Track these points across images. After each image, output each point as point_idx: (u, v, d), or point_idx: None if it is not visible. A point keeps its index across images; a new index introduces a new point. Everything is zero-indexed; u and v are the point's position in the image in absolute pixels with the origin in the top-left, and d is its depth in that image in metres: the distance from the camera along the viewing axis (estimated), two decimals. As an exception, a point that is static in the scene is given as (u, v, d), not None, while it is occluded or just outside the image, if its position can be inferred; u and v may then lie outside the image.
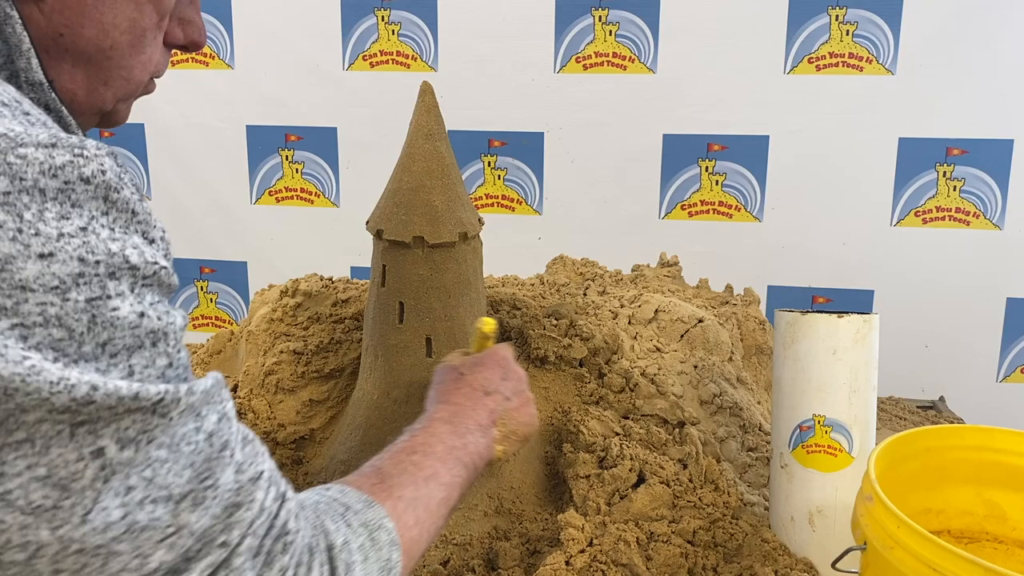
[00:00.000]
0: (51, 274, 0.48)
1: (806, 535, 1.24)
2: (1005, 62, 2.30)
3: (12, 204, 0.48)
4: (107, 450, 0.50)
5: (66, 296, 0.49)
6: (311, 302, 1.60)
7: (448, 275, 1.26)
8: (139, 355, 0.52)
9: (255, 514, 0.58)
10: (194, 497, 0.54)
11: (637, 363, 1.51)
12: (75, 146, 0.51)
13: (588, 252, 1.98)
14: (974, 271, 2.44)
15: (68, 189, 0.50)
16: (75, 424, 0.49)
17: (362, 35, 2.58)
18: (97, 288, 0.50)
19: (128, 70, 0.68)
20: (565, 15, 2.47)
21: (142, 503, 0.52)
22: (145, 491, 0.52)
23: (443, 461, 0.83)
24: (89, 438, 0.50)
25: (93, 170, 0.51)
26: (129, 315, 0.52)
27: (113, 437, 0.50)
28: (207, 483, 0.55)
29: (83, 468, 0.50)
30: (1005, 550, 1.17)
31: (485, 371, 0.98)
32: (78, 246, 0.50)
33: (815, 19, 2.36)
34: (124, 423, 0.51)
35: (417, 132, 1.25)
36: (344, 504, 0.69)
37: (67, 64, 0.64)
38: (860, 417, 1.21)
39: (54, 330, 0.48)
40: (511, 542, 1.24)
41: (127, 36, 0.66)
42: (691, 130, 2.50)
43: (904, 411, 1.97)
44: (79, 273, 0.50)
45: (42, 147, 0.50)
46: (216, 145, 2.71)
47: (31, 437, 0.48)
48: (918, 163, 2.41)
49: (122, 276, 0.52)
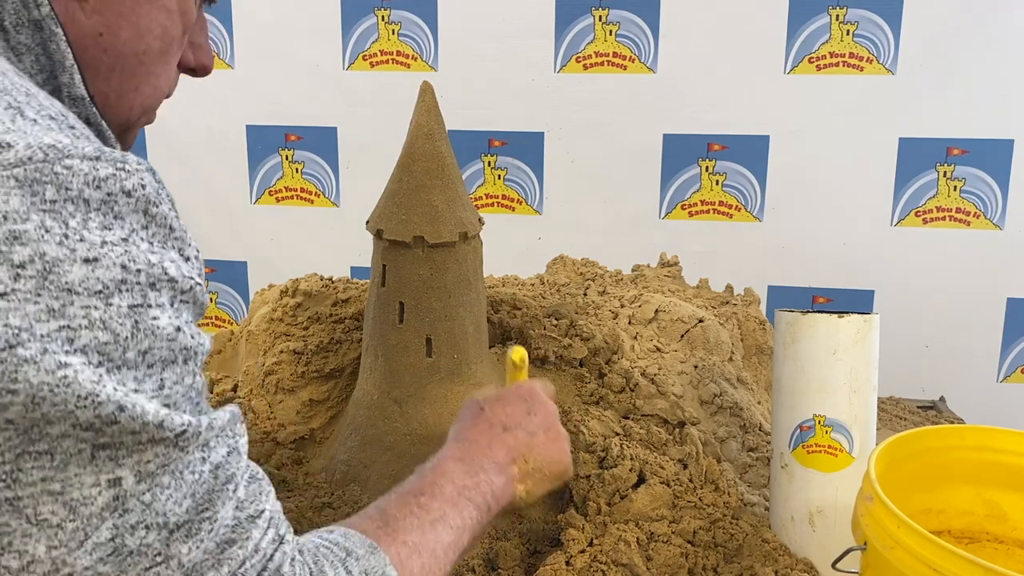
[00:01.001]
0: (95, 278, 0.49)
1: (806, 535, 1.24)
2: (1005, 62, 2.30)
3: (58, 212, 0.49)
4: (124, 481, 0.50)
5: (109, 301, 0.50)
6: (311, 302, 1.60)
7: (448, 275, 1.26)
8: (171, 370, 0.53)
9: (248, 553, 0.57)
10: (189, 528, 0.54)
11: (637, 363, 1.51)
12: (118, 160, 0.52)
13: (588, 252, 1.98)
14: (974, 271, 2.43)
15: (111, 201, 0.51)
16: (97, 446, 0.49)
17: (362, 35, 2.58)
18: (139, 296, 0.51)
19: (157, 77, 0.70)
20: (565, 15, 2.47)
21: (135, 528, 0.51)
22: (141, 515, 0.51)
23: (453, 503, 0.78)
24: (109, 464, 0.50)
25: (134, 184, 0.52)
26: (168, 327, 0.52)
27: (133, 469, 0.51)
28: (205, 515, 0.54)
29: (96, 495, 0.50)
30: (1005, 550, 1.17)
31: (507, 406, 0.92)
32: (120, 254, 0.51)
33: (815, 19, 2.36)
34: (146, 456, 0.51)
35: (417, 132, 1.25)
36: (346, 549, 0.66)
37: (103, 67, 0.65)
38: (860, 417, 1.21)
39: (99, 333, 0.49)
40: (511, 542, 1.24)
41: (159, 43, 0.67)
42: (691, 130, 2.50)
43: (904, 411, 1.97)
44: (122, 280, 0.50)
45: (87, 159, 0.51)
46: (216, 145, 2.71)
47: (52, 450, 0.48)
48: (918, 163, 2.41)
49: (162, 288, 0.53)
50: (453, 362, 1.30)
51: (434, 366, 1.29)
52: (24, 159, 0.49)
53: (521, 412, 0.92)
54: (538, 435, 0.91)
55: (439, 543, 0.74)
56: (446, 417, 1.30)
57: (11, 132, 0.50)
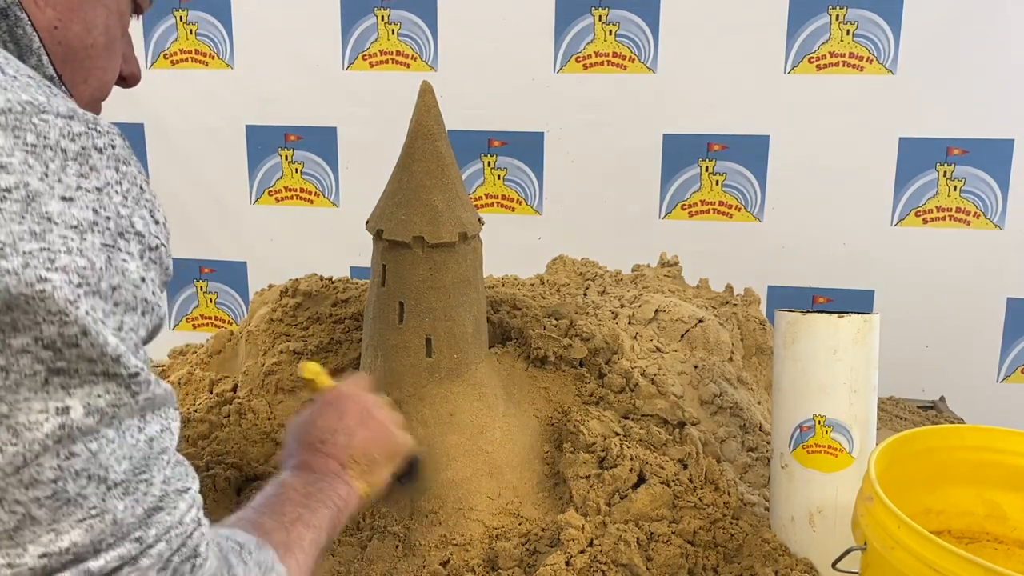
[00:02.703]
0: (71, 215, 0.52)
1: (806, 535, 1.24)
2: (1005, 62, 2.30)
3: (39, 154, 0.52)
4: (73, 411, 0.52)
5: (84, 236, 0.53)
6: (311, 302, 1.60)
7: (448, 275, 1.26)
8: (131, 316, 0.55)
9: (174, 522, 0.58)
10: (126, 487, 0.55)
11: (637, 363, 1.51)
12: (90, 120, 0.56)
13: (588, 252, 1.98)
14: (974, 271, 2.43)
15: (85, 154, 0.55)
16: (52, 370, 0.51)
17: (362, 35, 2.58)
18: (109, 238, 0.54)
19: (103, 71, 0.74)
20: (565, 15, 2.47)
21: (78, 474, 0.52)
22: (86, 463, 0.52)
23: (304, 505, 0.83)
24: (60, 392, 0.51)
25: (105, 143, 0.56)
26: (135, 273, 0.55)
27: (83, 400, 0.52)
28: (142, 477, 0.56)
29: (43, 420, 0.51)
30: (1005, 550, 1.17)
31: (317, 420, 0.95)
32: (92, 200, 0.54)
33: (815, 19, 2.36)
34: (97, 388, 0.52)
35: (417, 132, 1.25)
36: (238, 542, 0.69)
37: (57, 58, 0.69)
38: (860, 417, 1.21)
39: (78, 258, 0.52)
40: (511, 542, 1.24)
41: (103, 38, 0.73)
42: (691, 130, 2.50)
43: (904, 411, 1.97)
44: (94, 221, 0.54)
45: (61, 116, 0.54)
46: (216, 145, 2.71)
47: (8, 366, 0.49)
48: (918, 163, 2.41)
49: (130, 239, 0.56)
50: (453, 362, 1.30)
51: (434, 366, 1.29)
52: (4, 110, 0.52)
53: (333, 420, 0.95)
54: (356, 433, 0.94)
55: (302, 539, 0.78)
56: (446, 417, 1.30)
57: None
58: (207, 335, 1.89)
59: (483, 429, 1.31)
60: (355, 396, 0.98)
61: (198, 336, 2.73)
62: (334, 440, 0.93)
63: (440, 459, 1.29)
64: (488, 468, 1.30)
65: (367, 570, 1.22)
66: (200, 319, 2.93)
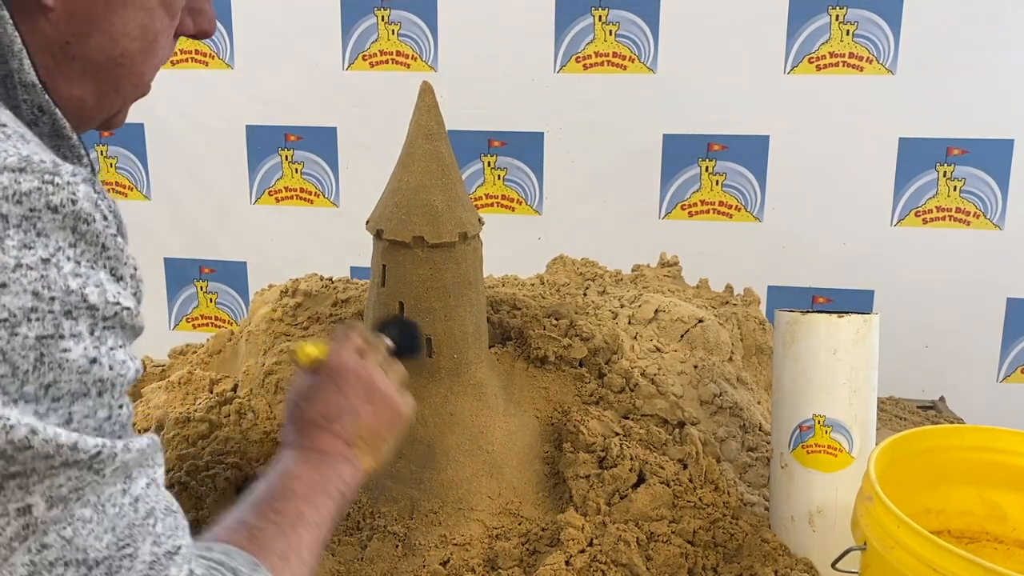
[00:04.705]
0: (1, 306, 0.46)
1: (806, 535, 1.24)
2: (1005, 62, 2.30)
3: None
4: (35, 508, 0.48)
5: (15, 331, 0.46)
6: (311, 302, 1.60)
7: (448, 275, 1.26)
8: (81, 403, 0.50)
9: None
10: (109, 566, 0.51)
11: (637, 363, 1.51)
12: (47, 171, 0.48)
13: (588, 252, 1.98)
14: (974, 271, 2.43)
15: (33, 217, 0.47)
16: (6, 475, 0.47)
17: (362, 35, 2.58)
18: (50, 326, 0.48)
19: (139, 76, 0.67)
20: (565, 15, 2.47)
21: (53, 564, 0.49)
22: (60, 552, 0.49)
23: (307, 500, 0.79)
24: (19, 493, 0.47)
25: (63, 199, 0.48)
26: (79, 359, 0.49)
27: (44, 495, 0.48)
28: (126, 551, 0.53)
29: (4, 525, 0.47)
30: (1005, 550, 1.17)
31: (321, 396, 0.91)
32: (35, 279, 0.47)
33: (815, 19, 2.36)
34: (58, 479, 0.48)
35: (417, 132, 1.25)
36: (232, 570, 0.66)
37: (76, 72, 0.63)
38: (860, 417, 1.21)
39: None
40: (511, 542, 1.24)
41: (138, 43, 0.65)
42: (691, 130, 2.50)
43: (904, 411, 1.97)
44: (32, 308, 0.47)
45: (8, 171, 0.47)
46: (216, 145, 2.71)
47: None
48: (918, 163, 2.41)
49: (80, 316, 0.49)
50: (453, 362, 1.30)
51: (434, 366, 1.29)
52: None
53: (336, 396, 0.90)
54: (361, 409, 0.90)
55: (302, 544, 0.75)
56: (446, 417, 1.30)
57: None
58: (207, 335, 1.89)
59: (483, 429, 1.31)
60: (356, 368, 0.93)
61: (198, 336, 2.73)
62: (340, 418, 0.89)
63: (440, 459, 1.29)
64: (488, 468, 1.30)
65: (367, 570, 1.22)
66: (200, 319, 2.93)
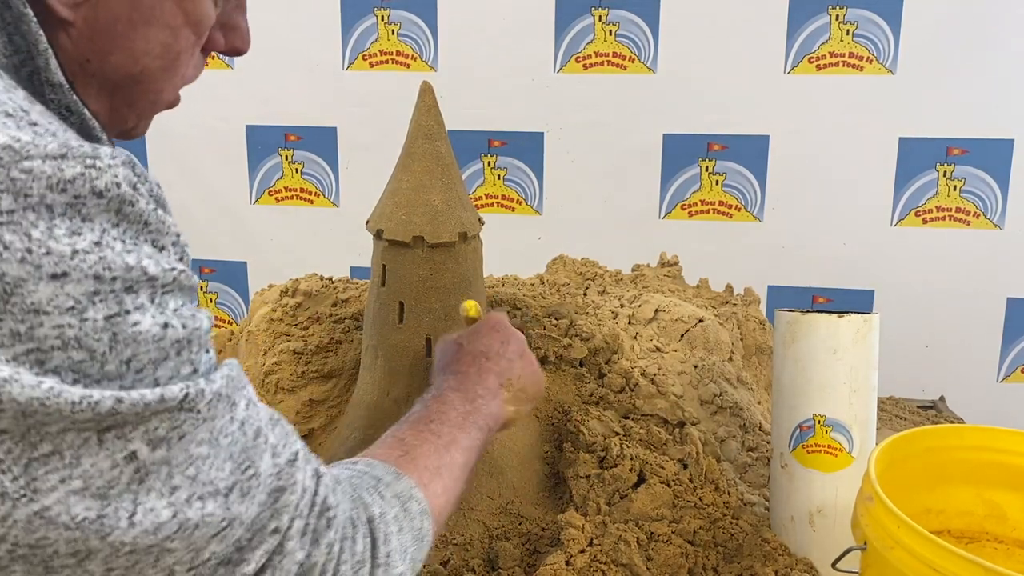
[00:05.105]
0: (65, 295, 0.46)
1: (806, 535, 1.24)
2: (1005, 62, 2.30)
3: (18, 223, 0.45)
4: (139, 453, 0.49)
5: (83, 316, 0.47)
6: (311, 302, 1.60)
7: (448, 275, 1.26)
8: (164, 367, 0.51)
9: (299, 496, 0.59)
10: (240, 488, 0.54)
11: (637, 363, 1.51)
12: (87, 156, 0.48)
13: (588, 252, 1.98)
14: (974, 271, 2.43)
15: (78, 204, 0.47)
16: (101, 430, 0.48)
17: (362, 35, 2.58)
18: (114, 304, 0.48)
19: (157, 93, 0.66)
20: (565, 15, 2.47)
21: (189, 501, 0.51)
22: (191, 489, 0.51)
23: (460, 427, 0.85)
24: (119, 443, 0.48)
25: (107, 183, 0.48)
26: (152, 328, 0.50)
27: (143, 439, 0.49)
28: (249, 472, 0.55)
29: (119, 474, 0.48)
30: (1005, 550, 1.17)
31: (484, 338, 0.99)
32: (94, 263, 0.47)
33: (815, 19, 2.36)
34: (151, 423, 0.49)
35: (417, 132, 1.25)
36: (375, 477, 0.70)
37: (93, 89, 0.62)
38: (860, 417, 1.21)
39: (73, 352, 0.46)
40: (511, 542, 1.24)
41: (159, 62, 0.63)
42: (691, 130, 2.50)
43: (904, 411, 1.97)
44: (95, 291, 0.47)
45: (50, 159, 0.46)
46: (216, 145, 2.71)
47: (58, 449, 0.46)
48: (918, 163, 2.41)
49: (140, 288, 0.49)
50: (453, 362, 1.30)
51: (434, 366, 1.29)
52: None
53: (496, 343, 0.99)
54: (515, 361, 0.98)
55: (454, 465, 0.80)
56: (446, 417, 1.30)
57: None
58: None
59: (483, 429, 1.31)
60: (515, 330, 1.03)
61: (198, 336, 2.73)
62: (498, 360, 0.96)
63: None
64: (488, 468, 1.30)
65: (367, 570, 1.22)
66: (200, 319, 2.93)
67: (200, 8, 0.64)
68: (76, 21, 0.58)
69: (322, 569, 0.60)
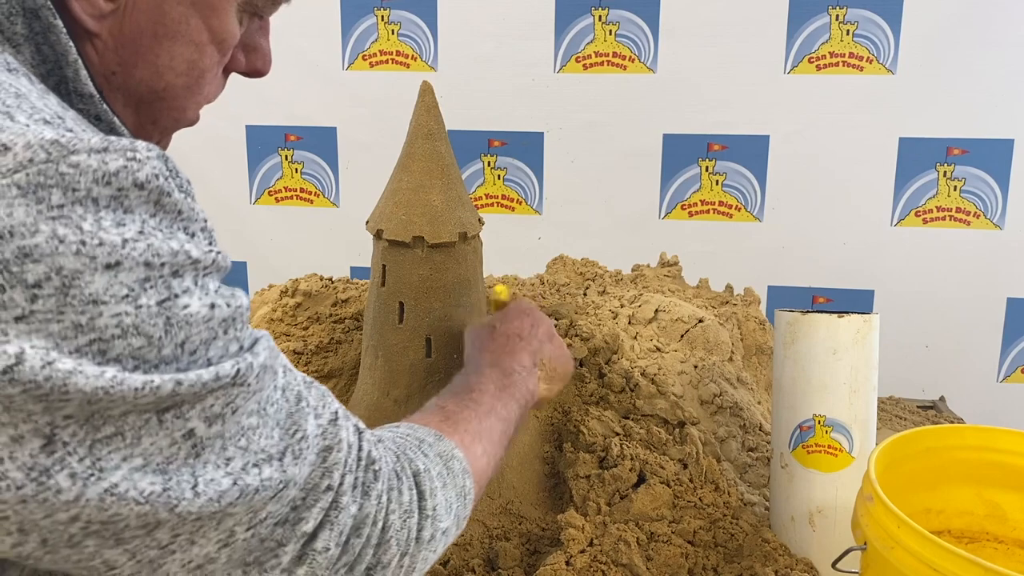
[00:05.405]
0: (120, 283, 0.47)
1: (806, 535, 1.24)
2: (1005, 62, 2.30)
3: (68, 217, 0.46)
4: (197, 430, 0.51)
5: (138, 303, 0.48)
6: (311, 302, 1.60)
7: (448, 275, 1.26)
8: (214, 346, 0.53)
9: (345, 452, 0.61)
10: (292, 451, 0.57)
11: (637, 363, 1.51)
12: (127, 148, 0.49)
13: (588, 252, 1.98)
14: (974, 271, 2.43)
15: (121, 196, 0.49)
16: (160, 411, 0.50)
17: (362, 35, 2.58)
18: (164, 289, 0.50)
19: (181, 111, 0.67)
20: (565, 15, 2.47)
21: (246, 468, 0.53)
22: (244, 458, 0.54)
23: (498, 398, 0.88)
24: (178, 423, 0.50)
25: (147, 174, 0.50)
26: (201, 310, 0.52)
27: (200, 417, 0.51)
28: (298, 435, 0.58)
29: (177, 451, 0.51)
30: (1005, 550, 1.17)
31: (515, 321, 1.03)
32: (143, 250, 0.49)
33: (815, 19, 2.36)
34: (208, 401, 0.52)
35: (417, 132, 1.25)
36: (417, 438, 0.73)
37: (118, 103, 0.63)
38: (860, 417, 1.21)
39: (133, 339, 0.48)
40: (511, 542, 1.24)
41: (183, 79, 0.64)
42: (691, 130, 2.50)
43: (904, 411, 1.97)
44: (146, 278, 0.49)
45: (95, 152, 0.47)
46: (216, 145, 2.71)
47: (120, 431, 0.48)
48: (918, 163, 2.41)
49: (184, 272, 0.51)
50: (453, 362, 1.30)
51: (434, 366, 1.29)
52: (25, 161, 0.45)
53: (527, 325, 1.04)
54: (546, 343, 1.03)
55: (494, 431, 0.83)
56: (446, 417, 1.30)
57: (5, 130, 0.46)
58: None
59: (483, 429, 1.31)
60: (542, 314, 1.07)
61: (198, 336, 2.73)
62: (530, 340, 1.01)
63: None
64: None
65: (367, 570, 1.22)
66: (200, 319, 2.93)
67: (226, 26, 0.65)
68: (102, 33, 0.59)
69: (373, 519, 0.63)
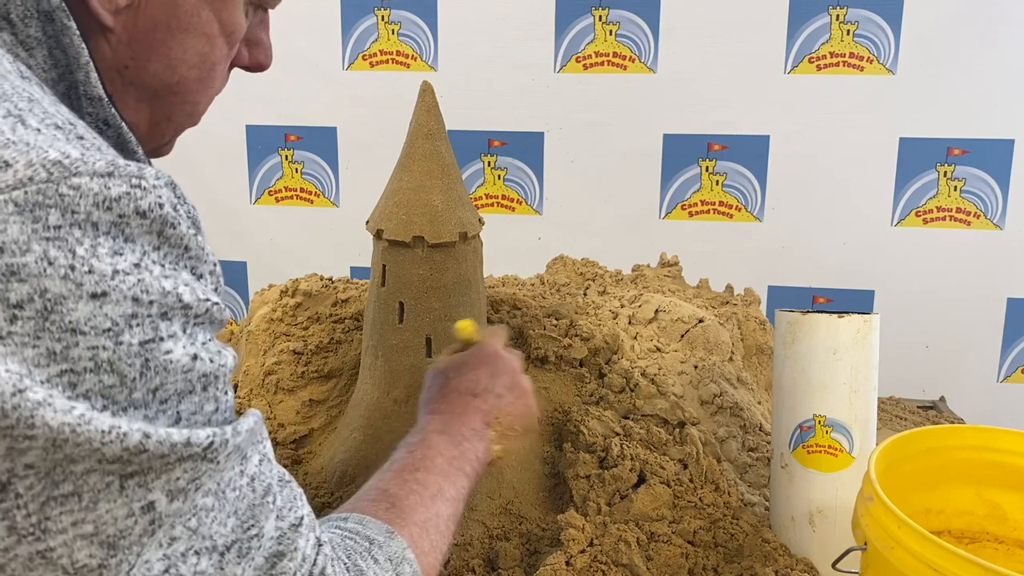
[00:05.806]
0: (103, 315, 0.45)
1: (806, 535, 1.24)
2: (1005, 62, 2.30)
3: (63, 239, 0.44)
4: (157, 504, 0.48)
5: (119, 339, 0.46)
6: (311, 302, 1.60)
7: (448, 275, 1.26)
8: (188, 400, 0.50)
9: (297, 564, 0.56)
10: (239, 548, 0.52)
11: (637, 363, 1.51)
12: (133, 175, 0.48)
13: (588, 252, 1.98)
14: (974, 271, 2.43)
15: (122, 223, 0.47)
16: (125, 475, 0.47)
17: (362, 35, 2.58)
18: (150, 330, 0.47)
19: (194, 105, 0.67)
20: (565, 15, 2.47)
21: (185, 555, 0.49)
22: (189, 542, 0.50)
23: (445, 475, 0.81)
24: (140, 491, 0.47)
25: (151, 203, 0.48)
26: (182, 358, 0.49)
27: (164, 489, 0.48)
28: (252, 532, 0.53)
29: (132, 525, 0.47)
30: (1005, 550, 1.17)
31: (471, 372, 0.95)
32: (132, 284, 0.47)
33: (815, 19, 2.36)
34: (175, 473, 0.48)
35: (417, 132, 1.25)
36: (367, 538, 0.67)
37: (131, 98, 0.62)
38: (860, 417, 1.21)
39: (105, 376, 0.46)
40: (511, 542, 1.24)
41: (195, 71, 0.64)
42: (691, 130, 2.50)
43: (904, 411, 1.97)
44: (132, 314, 0.46)
45: (98, 176, 0.46)
46: (216, 145, 2.71)
47: (78, 491, 0.45)
48: (918, 163, 2.41)
49: (174, 316, 0.49)
50: (453, 362, 1.30)
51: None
52: (25, 179, 0.44)
53: (485, 376, 0.94)
54: (504, 396, 0.93)
55: (440, 517, 0.77)
56: (446, 417, 1.30)
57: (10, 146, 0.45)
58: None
59: (483, 429, 1.31)
60: (506, 359, 0.97)
61: (198, 336, 2.73)
62: (485, 396, 0.92)
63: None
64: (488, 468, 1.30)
65: (367, 570, 1.22)
66: (200, 319, 2.93)
67: (235, 18, 0.65)
68: (116, 27, 0.59)
69: None
